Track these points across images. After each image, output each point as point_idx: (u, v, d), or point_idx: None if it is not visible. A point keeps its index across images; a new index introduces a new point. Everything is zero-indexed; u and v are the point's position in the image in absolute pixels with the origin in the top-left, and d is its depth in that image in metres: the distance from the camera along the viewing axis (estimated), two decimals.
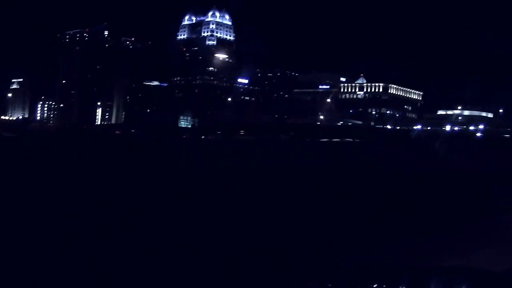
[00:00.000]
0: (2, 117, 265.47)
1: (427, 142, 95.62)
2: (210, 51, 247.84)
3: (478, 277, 5.04)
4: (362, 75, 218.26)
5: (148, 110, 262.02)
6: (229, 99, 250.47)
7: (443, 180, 33.03)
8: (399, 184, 30.60)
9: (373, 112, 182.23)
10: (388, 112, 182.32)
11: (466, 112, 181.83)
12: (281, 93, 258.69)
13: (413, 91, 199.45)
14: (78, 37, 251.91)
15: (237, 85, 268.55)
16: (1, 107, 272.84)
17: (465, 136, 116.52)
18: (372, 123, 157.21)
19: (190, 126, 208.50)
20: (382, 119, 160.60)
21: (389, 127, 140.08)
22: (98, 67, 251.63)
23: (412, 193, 25.22)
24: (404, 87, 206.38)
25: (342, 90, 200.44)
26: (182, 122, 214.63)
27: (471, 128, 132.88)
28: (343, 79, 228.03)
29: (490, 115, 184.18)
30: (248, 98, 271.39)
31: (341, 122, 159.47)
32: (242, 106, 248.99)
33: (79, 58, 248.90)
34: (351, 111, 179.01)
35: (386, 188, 27.70)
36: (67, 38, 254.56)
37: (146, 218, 17.07)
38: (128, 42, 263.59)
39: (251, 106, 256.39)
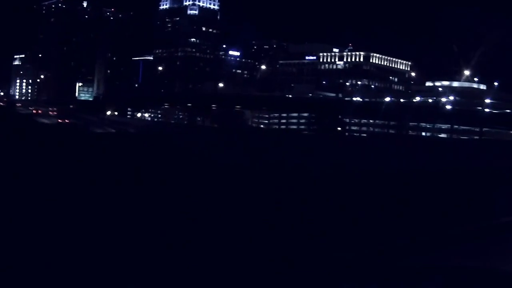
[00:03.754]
0: None
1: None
2: (192, 22, 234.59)
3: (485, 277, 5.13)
4: (350, 44, 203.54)
5: (136, 85, 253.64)
6: (217, 70, 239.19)
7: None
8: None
9: (347, 84, 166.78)
10: (368, 83, 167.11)
11: (456, 84, 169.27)
12: (278, 66, 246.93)
13: (400, 60, 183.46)
14: (53, 7, 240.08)
15: (229, 57, 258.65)
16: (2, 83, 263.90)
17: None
18: (340, 95, 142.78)
19: (92, 99, 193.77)
20: (356, 90, 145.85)
21: (359, 99, 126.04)
22: (74, 39, 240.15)
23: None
24: (398, 58, 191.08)
25: (321, 60, 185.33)
26: (82, 95, 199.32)
27: (443, 99, 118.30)
28: (336, 50, 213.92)
29: (482, 87, 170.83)
30: (240, 71, 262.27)
31: (310, 95, 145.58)
32: (233, 79, 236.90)
33: (55, 30, 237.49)
34: (323, 82, 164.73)
35: None
36: (44, 9, 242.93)
37: None
38: (108, 13, 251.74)
39: (239, 79, 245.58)
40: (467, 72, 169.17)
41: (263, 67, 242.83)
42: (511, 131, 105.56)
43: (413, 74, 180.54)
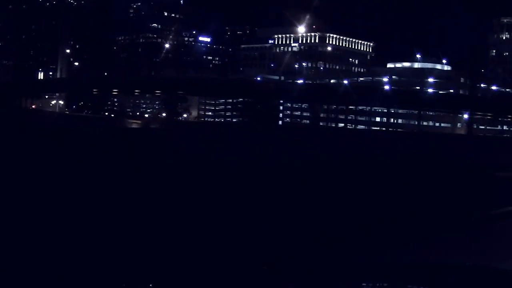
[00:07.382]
0: None
1: None
2: (153, 6, 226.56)
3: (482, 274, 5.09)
4: (314, 27, 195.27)
5: (106, 74, 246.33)
6: (180, 57, 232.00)
7: None
8: None
9: (296, 66, 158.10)
10: (324, 65, 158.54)
11: (417, 65, 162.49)
12: (239, 50, 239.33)
13: (361, 42, 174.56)
14: None
15: (199, 43, 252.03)
16: None
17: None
18: (283, 78, 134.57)
19: None
20: (300, 72, 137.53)
21: (301, 81, 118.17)
22: (34, 27, 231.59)
23: None
24: (360, 39, 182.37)
25: (276, 42, 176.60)
26: None
27: (385, 79, 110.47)
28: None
29: (446, 67, 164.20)
30: (211, 57, 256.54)
31: (258, 78, 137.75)
32: (202, 65, 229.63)
33: (14, 17, 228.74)
34: (271, 65, 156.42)
35: None
36: None
37: None
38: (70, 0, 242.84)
39: (208, 65, 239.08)
40: (428, 53, 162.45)
41: (229, 51, 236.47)
42: (451, 113, 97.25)
43: (373, 55, 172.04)
